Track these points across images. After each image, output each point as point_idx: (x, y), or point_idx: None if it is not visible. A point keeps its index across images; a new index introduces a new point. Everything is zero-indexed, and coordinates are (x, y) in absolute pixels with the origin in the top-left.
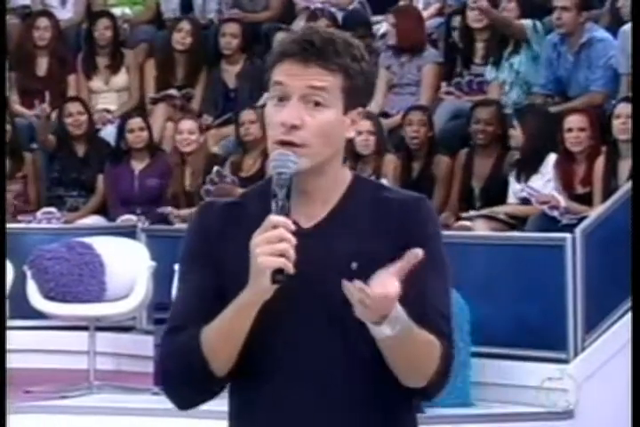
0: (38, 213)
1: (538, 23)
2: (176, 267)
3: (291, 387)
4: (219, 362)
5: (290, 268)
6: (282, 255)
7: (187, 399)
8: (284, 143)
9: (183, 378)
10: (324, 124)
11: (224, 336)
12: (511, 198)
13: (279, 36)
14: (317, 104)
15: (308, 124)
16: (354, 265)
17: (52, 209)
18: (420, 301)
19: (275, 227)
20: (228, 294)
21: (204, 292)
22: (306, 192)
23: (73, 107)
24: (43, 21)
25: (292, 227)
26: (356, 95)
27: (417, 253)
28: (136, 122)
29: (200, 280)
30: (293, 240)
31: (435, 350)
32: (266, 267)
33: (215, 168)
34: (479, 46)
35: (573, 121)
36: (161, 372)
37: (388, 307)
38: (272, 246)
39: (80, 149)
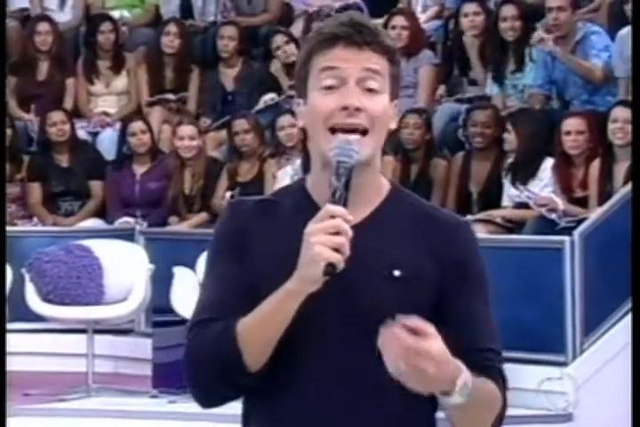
0: (34, 219)
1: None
2: (175, 270)
3: (318, 396)
4: (254, 355)
5: (342, 264)
6: (337, 250)
7: (214, 395)
8: (345, 129)
9: (214, 370)
10: (381, 109)
11: (263, 326)
12: (506, 202)
13: (277, 39)
14: (370, 90)
15: (368, 108)
16: (396, 273)
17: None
18: (473, 337)
19: (332, 217)
20: (259, 293)
21: (235, 287)
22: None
23: (56, 116)
24: (43, 26)
25: (351, 218)
26: (398, 83)
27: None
28: (137, 125)
29: (231, 275)
30: (350, 233)
31: (497, 399)
32: (322, 258)
33: (228, 194)
34: (473, 52)
35: (572, 124)
36: (189, 365)
37: (452, 368)
38: (330, 238)
39: (63, 159)
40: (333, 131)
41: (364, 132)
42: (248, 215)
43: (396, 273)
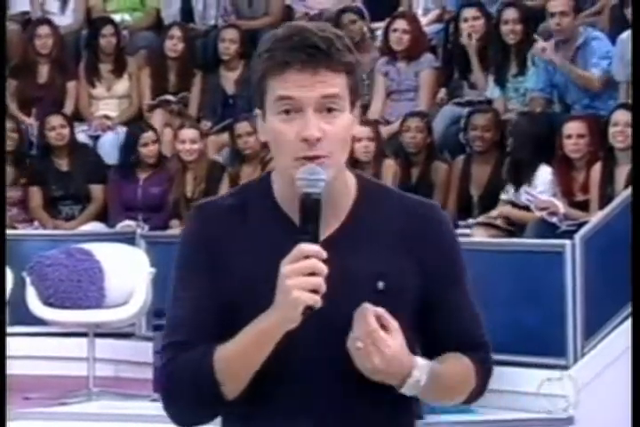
0: (35, 222)
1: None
2: None
3: (301, 407)
4: (231, 385)
5: (319, 303)
6: (314, 291)
7: (189, 419)
8: (308, 159)
9: (190, 398)
10: (342, 130)
11: (240, 361)
12: (507, 206)
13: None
14: (330, 110)
15: (328, 134)
16: (380, 285)
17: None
18: (454, 317)
19: (306, 257)
20: (237, 305)
21: (209, 303)
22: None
23: (55, 120)
24: (44, 29)
25: (325, 256)
26: (357, 89)
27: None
28: (149, 136)
29: (204, 290)
30: (325, 271)
31: (468, 376)
32: (300, 302)
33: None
34: (473, 56)
35: (573, 127)
36: (164, 390)
37: (404, 367)
38: (306, 280)
39: (63, 163)
40: (296, 159)
41: (327, 157)
42: (217, 223)
43: (380, 285)
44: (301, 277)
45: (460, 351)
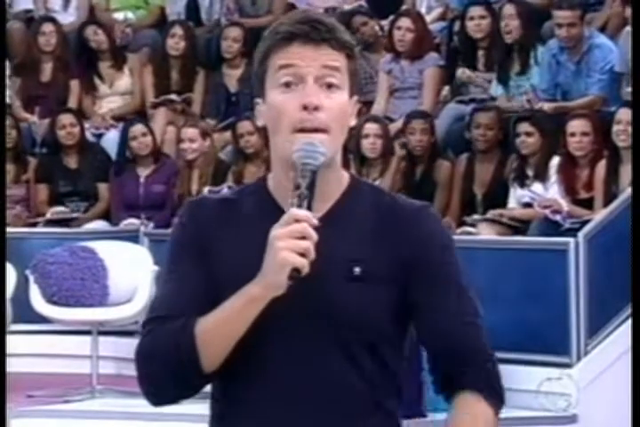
0: (48, 214)
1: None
2: None
3: (283, 392)
4: (211, 357)
5: (307, 269)
6: (303, 254)
7: (166, 394)
8: (306, 130)
9: (168, 369)
10: (341, 105)
11: (223, 330)
12: (512, 204)
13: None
14: (330, 86)
15: (327, 107)
16: (356, 270)
17: (62, 208)
18: (440, 321)
19: (297, 221)
20: (224, 293)
21: (196, 287)
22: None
23: (66, 118)
24: (47, 27)
25: (315, 222)
26: (357, 79)
27: None
28: (138, 128)
29: (192, 275)
30: (315, 237)
31: (490, 420)
32: (289, 263)
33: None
34: (480, 54)
35: (576, 125)
36: (141, 362)
37: None
38: (296, 243)
39: (72, 161)
40: (294, 130)
41: (325, 131)
42: (209, 216)
43: (356, 270)
44: (291, 240)
45: (457, 360)
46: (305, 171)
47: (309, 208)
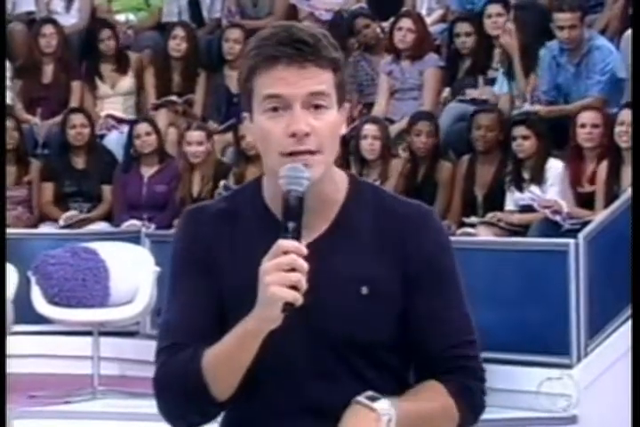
0: (60, 221)
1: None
2: None
3: (290, 414)
4: (221, 387)
5: (300, 301)
6: (294, 287)
7: (183, 423)
8: (296, 154)
9: (182, 400)
10: (330, 126)
11: (226, 364)
12: (510, 206)
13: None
14: (318, 107)
15: (317, 129)
16: (364, 290)
17: (74, 212)
18: (445, 336)
19: (285, 253)
20: (229, 309)
21: (202, 306)
22: (305, 200)
23: (77, 119)
24: (49, 28)
25: (305, 252)
26: (344, 88)
27: None
28: (143, 127)
29: (198, 293)
30: (306, 267)
31: (448, 412)
32: (279, 298)
33: (222, 182)
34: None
35: (587, 117)
36: (158, 393)
37: None
38: (284, 276)
39: (79, 161)
40: (283, 155)
41: (317, 153)
42: (209, 227)
43: (364, 290)
44: (280, 273)
45: (441, 367)
46: (290, 198)
47: (298, 237)
